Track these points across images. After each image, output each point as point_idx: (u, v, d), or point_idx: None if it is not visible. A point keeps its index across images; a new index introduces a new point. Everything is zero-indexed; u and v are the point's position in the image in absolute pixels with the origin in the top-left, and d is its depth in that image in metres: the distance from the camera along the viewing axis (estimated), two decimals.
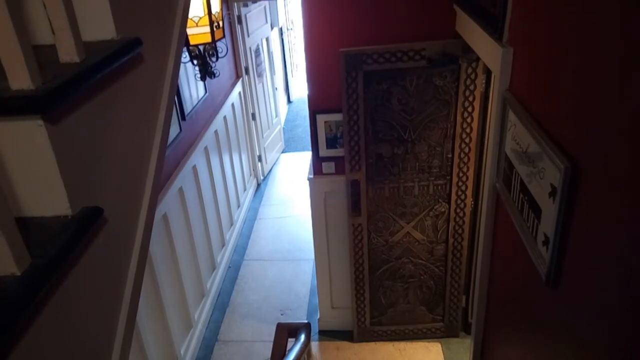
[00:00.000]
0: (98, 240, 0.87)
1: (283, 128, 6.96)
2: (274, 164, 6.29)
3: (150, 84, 1.17)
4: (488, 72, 2.61)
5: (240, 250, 4.69)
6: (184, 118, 3.51)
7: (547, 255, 1.28)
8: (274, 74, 6.54)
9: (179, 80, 2.79)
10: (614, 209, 0.98)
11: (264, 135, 5.90)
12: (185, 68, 3.54)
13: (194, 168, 3.66)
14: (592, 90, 1.06)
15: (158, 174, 1.17)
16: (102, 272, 0.91)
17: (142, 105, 1.12)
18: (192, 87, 3.78)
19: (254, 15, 5.38)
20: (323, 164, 3.07)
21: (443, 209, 3.01)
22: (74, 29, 0.84)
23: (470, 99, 2.68)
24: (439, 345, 3.39)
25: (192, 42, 2.61)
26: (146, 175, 1.13)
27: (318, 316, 3.62)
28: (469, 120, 2.73)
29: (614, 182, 0.98)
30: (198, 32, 2.60)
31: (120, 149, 1.00)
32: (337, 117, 2.87)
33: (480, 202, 2.92)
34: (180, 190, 3.36)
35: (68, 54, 0.85)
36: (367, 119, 2.77)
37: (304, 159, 6.05)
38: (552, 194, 1.23)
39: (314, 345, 3.50)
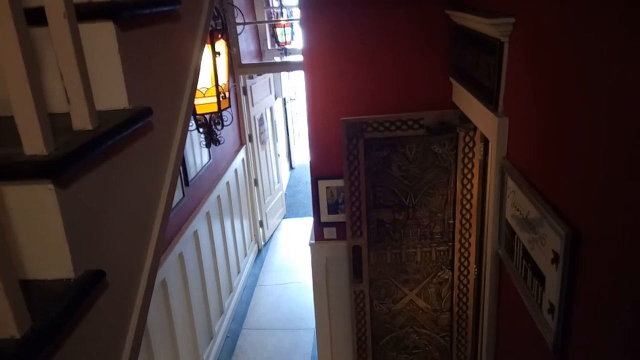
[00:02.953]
0: (98, 303, 0.86)
1: (285, 194, 7.02)
2: (275, 229, 6.28)
3: (158, 151, 1.20)
4: (486, 140, 2.68)
5: (239, 318, 4.56)
6: (187, 184, 3.55)
7: (553, 324, 1.25)
8: (277, 141, 6.70)
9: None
10: (617, 274, 0.97)
11: (266, 201, 5.94)
12: (191, 135, 3.63)
13: (195, 233, 3.66)
14: (588, 157, 1.09)
15: (161, 238, 1.17)
16: (100, 336, 0.89)
17: (149, 171, 1.15)
18: (197, 153, 3.86)
19: (259, 86, 5.61)
20: (324, 229, 3.07)
21: (446, 276, 2.97)
22: (89, 99, 0.88)
23: (470, 166, 2.72)
24: None
25: (199, 111, 2.70)
26: (149, 240, 1.13)
27: None
28: (468, 187, 2.77)
29: (616, 247, 0.98)
30: (205, 102, 2.69)
31: (125, 213, 1.01)
32: (338, 183, 2.91)
33: (483, 269, 2.88)
34: (181, 255, 3.34)
35: (82, 122, 0.88)
36: (368, 185, 2.80)
37: (306, 224, 6.04)
38: (555, 260, 1.23)
39: None
